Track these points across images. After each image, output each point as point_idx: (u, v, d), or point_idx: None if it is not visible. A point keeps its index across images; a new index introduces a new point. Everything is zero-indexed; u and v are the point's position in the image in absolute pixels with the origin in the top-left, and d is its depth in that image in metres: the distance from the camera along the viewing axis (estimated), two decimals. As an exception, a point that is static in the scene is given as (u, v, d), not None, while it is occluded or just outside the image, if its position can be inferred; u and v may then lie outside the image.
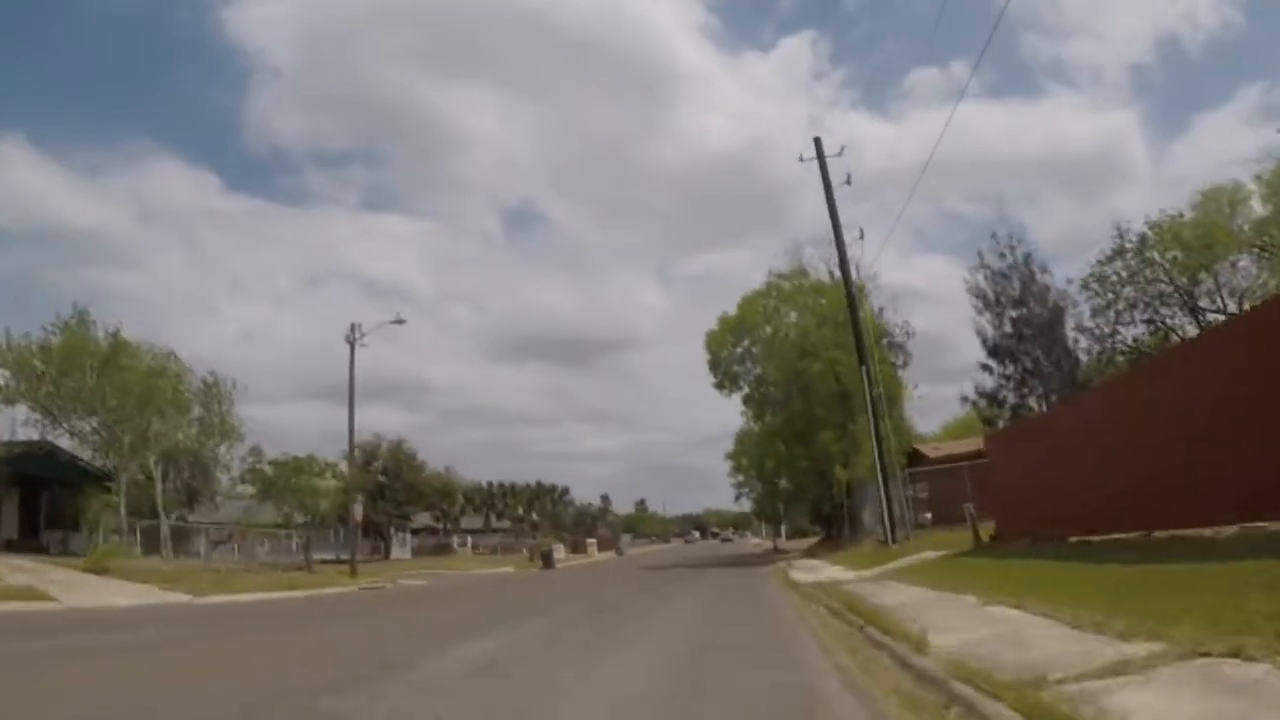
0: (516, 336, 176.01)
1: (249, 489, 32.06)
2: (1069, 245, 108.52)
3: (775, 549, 50.51)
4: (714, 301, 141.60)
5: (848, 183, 25.89)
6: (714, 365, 33.63)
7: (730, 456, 42.64)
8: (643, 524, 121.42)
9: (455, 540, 61.51)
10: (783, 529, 68.16)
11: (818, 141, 26.25)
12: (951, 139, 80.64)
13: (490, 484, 71.90)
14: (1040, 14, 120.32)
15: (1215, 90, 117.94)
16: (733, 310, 33.60)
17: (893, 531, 22.19)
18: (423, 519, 66.07)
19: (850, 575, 16.29)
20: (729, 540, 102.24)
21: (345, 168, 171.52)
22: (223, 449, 32.77)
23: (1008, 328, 34.07)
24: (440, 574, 39.64)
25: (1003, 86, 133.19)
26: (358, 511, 34.15)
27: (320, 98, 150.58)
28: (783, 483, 35.62)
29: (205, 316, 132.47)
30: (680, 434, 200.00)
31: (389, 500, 50.03)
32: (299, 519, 31.75)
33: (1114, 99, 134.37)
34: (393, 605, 16.71)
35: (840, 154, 26.58)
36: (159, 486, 30.76)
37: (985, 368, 33.58)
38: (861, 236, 26.33)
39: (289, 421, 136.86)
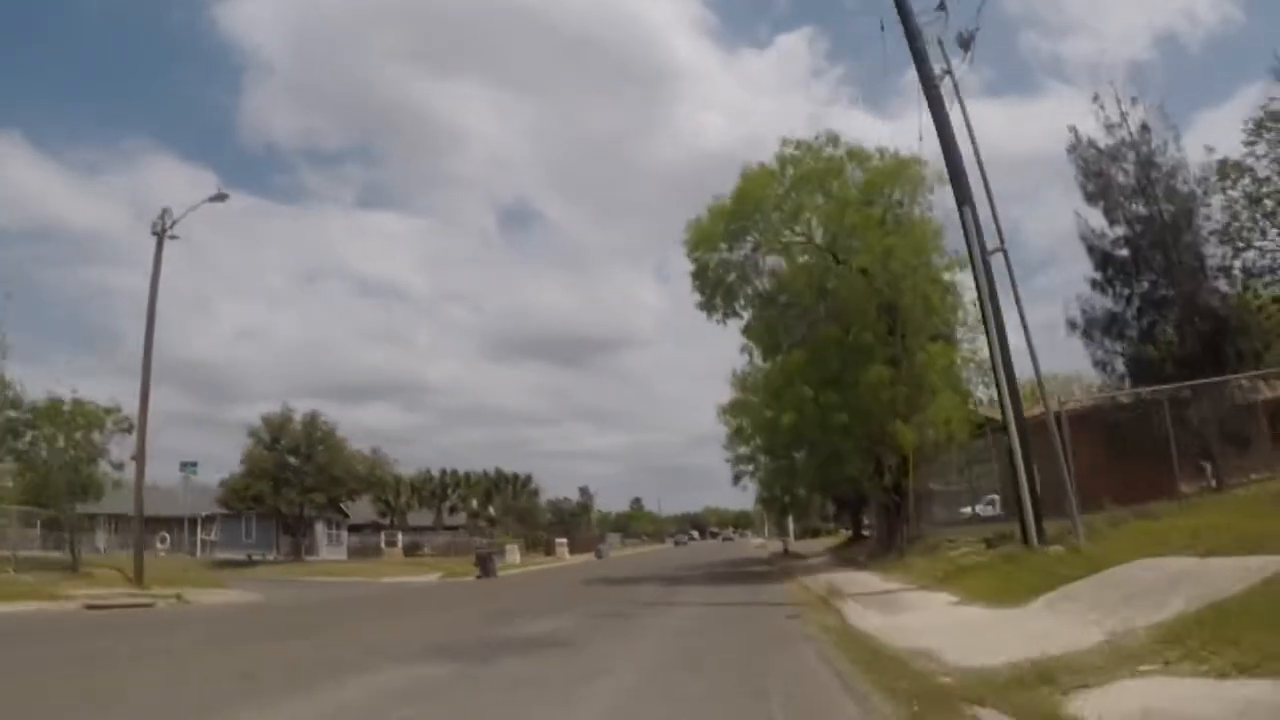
0: (514, 336, 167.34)
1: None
2: (1068, 244, 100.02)
3: (786, 552, 40.06)
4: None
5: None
6: (700, 275, 21.63)
7: (726, 412, 28.73)
8: (637, 523, 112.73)
9: (384, 539, 50.76)
10: (790, 527, 55.79)
11: None
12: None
13: (443, 471, 60.23)
14: (1040, 11, 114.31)
15: (1215, 88, 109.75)
16: (727, 197, 21.91)
17: (1038, 524, 11.16)
18: (367, 514, 56.02)
19: (1150, 658, 5.25)
20: (729, 539, 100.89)
21: (341, 165, 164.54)
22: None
23: (1122, 229, 22.11)
24: (333, 582, 29.68)
25: (1002, 85, 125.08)
26: (187, 499, 23.39)
27: (314, 95, 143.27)
28: (801, 455, 23.90)
29: (203, 315, 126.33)
30: (680, 433, 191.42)
31: (294, 486, 39.15)
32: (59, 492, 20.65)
33: (1113, 96, 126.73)
34: None
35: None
36: None
37: (1095, 284, 21.66)
38: (942, 6, 14.37)
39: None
